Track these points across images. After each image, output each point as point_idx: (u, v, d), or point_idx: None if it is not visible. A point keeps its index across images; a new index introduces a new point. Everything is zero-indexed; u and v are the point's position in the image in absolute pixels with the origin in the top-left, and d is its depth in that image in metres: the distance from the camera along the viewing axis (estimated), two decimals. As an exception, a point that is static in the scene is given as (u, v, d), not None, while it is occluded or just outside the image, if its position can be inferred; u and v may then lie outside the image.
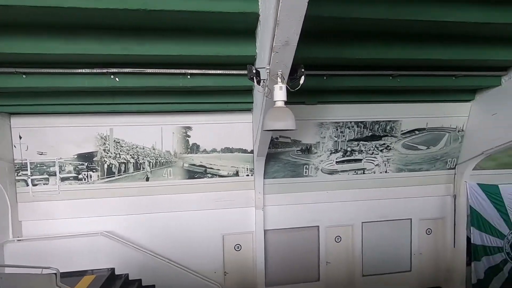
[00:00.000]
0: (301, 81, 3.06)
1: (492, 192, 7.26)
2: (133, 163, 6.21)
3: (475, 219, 7.26)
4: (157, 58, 4.33)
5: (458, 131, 6.97)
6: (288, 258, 7.04)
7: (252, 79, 3.05)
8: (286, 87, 2.95)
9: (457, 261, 7.41)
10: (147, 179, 6.31)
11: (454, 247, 7.49)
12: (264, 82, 3.07)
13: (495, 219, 7.38)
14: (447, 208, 7.56)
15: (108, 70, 4.61)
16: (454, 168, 7.34)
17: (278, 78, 2.96)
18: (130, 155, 6.18)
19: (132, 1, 3.36)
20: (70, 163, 6.05)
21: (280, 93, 2.92)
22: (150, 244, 6.47)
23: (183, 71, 4.81)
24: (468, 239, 7.43)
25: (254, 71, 3.03)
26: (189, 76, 4.94)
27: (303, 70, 3.05)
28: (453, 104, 6.76)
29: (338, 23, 3.99)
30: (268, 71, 2.95)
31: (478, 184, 7.21)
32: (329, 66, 5.16)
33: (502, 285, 7.55)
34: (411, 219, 7.48)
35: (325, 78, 5.30)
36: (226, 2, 3.46)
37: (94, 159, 6.09)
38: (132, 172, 6.23)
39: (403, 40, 4.63)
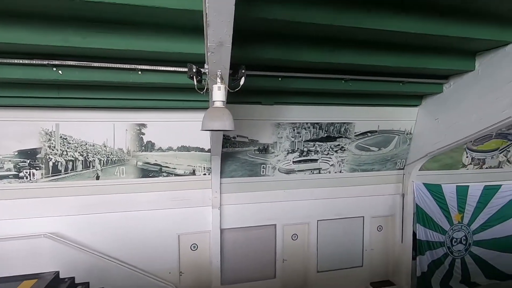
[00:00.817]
0: (241, 82, 3.08)
1: (435, 191, 7.84)
2: (82, 160, 5.91)
3: (421, 216, 7.78)
4: (101, 52, 4.13)
5: (407, 134, 7.42)
6: (244, 256, 7.10)
7: (191, 78, 3.02)
8: (225, 88, 2.95)
9: (404, 255, 7.91)
10: (97, 178, 6.03)
11: (401, 242, 7.98)
12: (204, 81, 3.06)
13: (438, 216, 7.98)
14: (397, 206, 8.03)
15: (49, 62, 4.34)
16: (403, 169, 7.82)
17: (218, 78, 2.95)
18: (79, 152, 5.87)
19: (67, -10, 3.18)
20: (10, 160, 5.61)
21: (218, 93, 2.93)
22: (100, 246, 6.20)
23: (133, 66, 4.65)
24: (415, 234, 7.95)
25: (194, 70, 3.00)
26: (140, 72, 4.78)
27: (243, 71, 3.07)
28: (402, 109, 7.17)
29: (287, 26, 4.07)
30: (207, 71, 2.93)
31: (423, 183, 7.73)
32: (283, 67, 5.27)
33: (443, 276, 8.20)
34: (363, 216, 7.85)
35: (280, 79, 5.39)
36: (171, -3, 3.37)
37: (37, 156, 5.70)
38: (81, 170, 5.93)
39: (351, 46, 4.83)
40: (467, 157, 8.03)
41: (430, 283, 8.01)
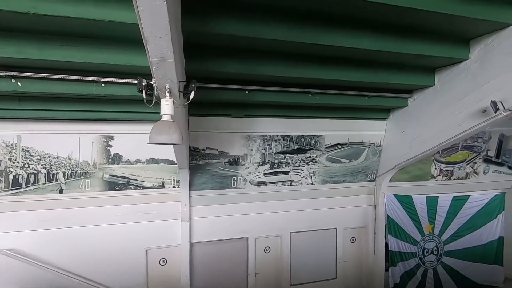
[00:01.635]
0: (191, 96, 3.12)
1: (406, 202, 7.99)
2: (45, 173, 5.74)
3: (392, 227, 7.89)
4: (60, 64, 4.11)
5: (377, 146, 7.60)
6: (215, 270, 6.96)
7: (140, 92, 3.03)
8: (174, 101, 2.98)
9: (377, 267, 7.95)
10: (61, 191, 5.87)
11: (374, 254, 8.02)
12: (154, 95, 3.08)
13: (409, 227, 8.10)
14: (369, 218, 8.12)
15: (6, 74, 4.28)
16: (374, 180, 7.95)
17: (166, 92, 2.98)
18: (42, 165, 5.71)
19: (20, 3, 3.17)
20: (-33, 174, 5.41)
21: (166, 107, 2.94)
22: (62, 262, 5.95)
23: (95, 78, 4.63)
24: (387, 246, 8.02)
25: (143, 84, 3.02)
26: (103, 84, 4.76)
27: (193, 85, 3.11)
28: (371, 122, 7.36)
29: (247, 41, 4.17)
30: (155, 85, 2.96)
31: (394, 195, 7.88)
32: (250, 81, 5.35)
33: (416, 287, 8.26)
34: (336, 228, 7.89)
35: (247, 92, 5.47)
36: (124, 12, 3.41)
37: (-3, 169, 5.52)
38: (43, 184, 5.75)
39: (313, 61, 4.98)
40: (435, 168, 8.25)
41: (403, 294, 8.05)
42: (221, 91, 5.40)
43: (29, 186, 5.68)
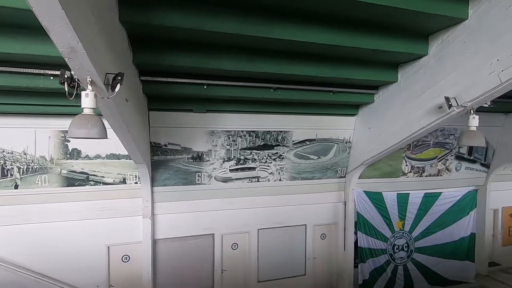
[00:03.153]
0: (116, 89, 3.00)
1: (376, 199, 7.98)
2: (-2, 169, 5.61)
3: (362, 224, 7.88)
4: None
5: (346, 143, 7.55)
6: (180, 267, 6.89)
7: (62, 84, 2.91)
8: (95, 94, 2.87)
9: (346, 263, 7.95)
10: (16, 187, 5.73)
11: (344, 250, 8.02)
12: (76, 87, 2.96)
13: (379, 223, 8.10)
14: (339, 214, 8.10)
15: None
16: (345, 177, 7.92)
17: (88, 84, 2.87)
18: (-5, 160, 5.57)
19: None
20: None
21: (86, 100, 2.84)
22: (19, 259, 5.83)
23: (41, 71, 4.49)
24: (357, 242, 8.01)
25: (66, 76, 2.89)
26: (51, 78, 4.61)
27: (119, 78, 3.00)
28: (340, 118, 7.30)
29: (196, 35, 4.06)
30: (75, 76, 2.85)
31: (364, 191, 7.86)
32: (207, 75, 5.24)
33: (386, 284, 8.29)
34: (306, 225, 7.85)
35: (205, 87, 5.36)
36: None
37: None
38: (-3, 179, 5.62)
39: (269, 55, 4.88)
40: (406, 165, 8.25)
41: (372, 291, 8.07)
42: (178, 86, 5.29)
43: (-19, 182, 5.54)
